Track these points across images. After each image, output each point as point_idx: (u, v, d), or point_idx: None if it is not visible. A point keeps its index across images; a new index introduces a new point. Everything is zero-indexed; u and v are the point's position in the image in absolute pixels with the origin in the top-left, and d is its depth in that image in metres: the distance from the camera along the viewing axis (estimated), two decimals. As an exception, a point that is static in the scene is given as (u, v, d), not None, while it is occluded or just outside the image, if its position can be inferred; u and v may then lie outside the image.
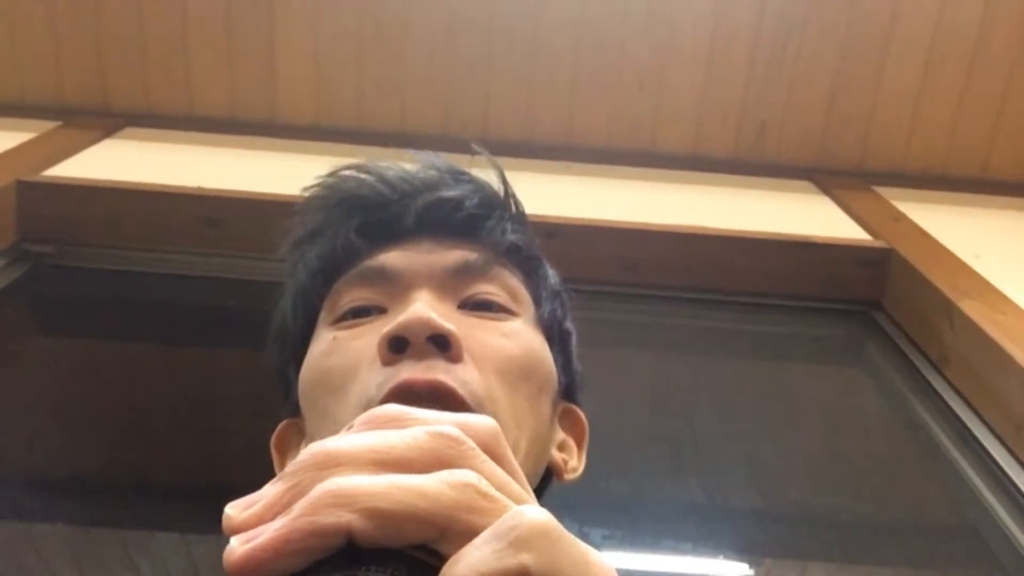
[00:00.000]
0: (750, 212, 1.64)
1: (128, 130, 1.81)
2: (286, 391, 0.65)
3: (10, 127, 1.72)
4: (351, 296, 0.58)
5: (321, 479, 0.27)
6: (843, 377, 1.52)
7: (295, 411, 0.63)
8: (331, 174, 0.64)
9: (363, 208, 0.61)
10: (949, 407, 1.25)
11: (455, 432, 0.29)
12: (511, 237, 0.62)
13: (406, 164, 0.64)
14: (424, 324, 0.51)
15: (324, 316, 0.60)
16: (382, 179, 0.62)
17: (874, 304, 1.51)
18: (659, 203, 1.65)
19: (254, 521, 0.28)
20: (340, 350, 0.56)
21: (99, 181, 1.48)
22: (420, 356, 0.52)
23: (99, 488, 1.07)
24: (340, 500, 0.26)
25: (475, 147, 0.66)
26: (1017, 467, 1.11)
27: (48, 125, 1.76)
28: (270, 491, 0.28)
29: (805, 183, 1.85)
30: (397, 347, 0.52)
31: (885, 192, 1.80)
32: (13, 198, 1.44)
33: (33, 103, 1.85)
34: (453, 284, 0.58)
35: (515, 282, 0.61)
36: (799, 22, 1.83)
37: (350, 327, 0.57)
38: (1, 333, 1.35)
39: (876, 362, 1.45)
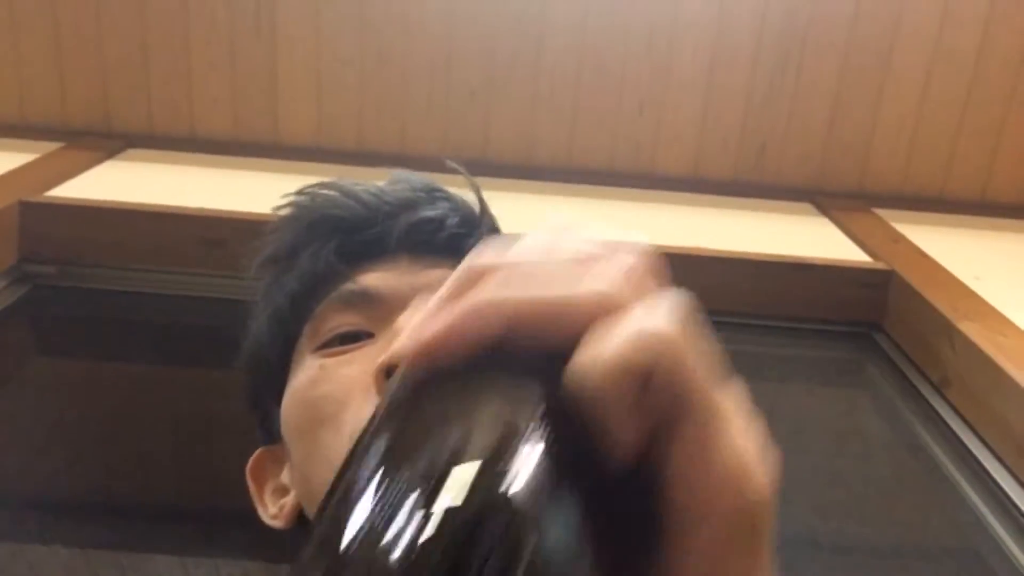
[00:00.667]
0: (750, 234, 1.64)
1: (130, 151, 1.81)
2: (261, 418, 0.63)
3: (13, 148, 1.73)
4: (335, 321, 0.57)
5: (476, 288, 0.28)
6: (843, 399, 1.52)
7: (272, 439, 0.61)
8: (300, 192, 0.62)
9: (343, 228, 0.59)
10: (950, 429, 1.25)
11: (606, 250, 0.29)
12: None
13: (377, 182, 0.62)
14: None
15: (306, 342, 0.58)
16: (358, 198, 0.60)
17: (874, 326, 1.51)
18: (659, 225, 1.65)
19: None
20: (329, 379, 0.54)
21: (101, 202, 1.49)
22: None
23: (97, 509, 1.07)
24: (494, 303, 0.27)
25: (450, 164, 0.65)
26: (1018, 489, 1.11)
27: (51, 146, 1.77)
28: (430, 306, 0.29)
29: (805, 205, 1.86)
30: (391, 375, 0.52)
31: (885, 214, 1.80)
32: (15, 218, 1.45)
33: (36, 124, 1.86)
34: None
35: None
36: (798, 45, 1.84)
37: (337, 354, 0.56)
38: (2, 354, 1.35)
39: (877, 384, 1.45)
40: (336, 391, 0.54)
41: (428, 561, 0.21)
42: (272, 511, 0.60)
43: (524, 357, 0.27)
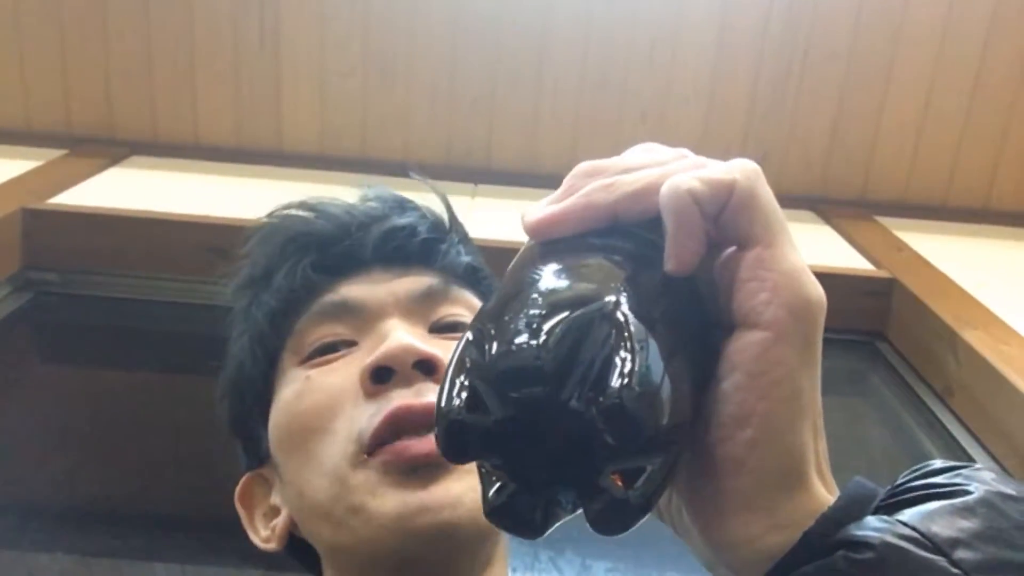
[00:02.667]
0: (753, 242, 1.64)
1: (134, 158, 1.82)
2: (246, 443, 0.63)
3: (16, 155, 1.73)
4: (317, 333, 0.57)
5: (592, 179, 0.36)
6: (847, 408, 1.51)
7: (259, 463, 0.61)
8: (270, 215, 0.63)
9: (317, 244, 0.60)
10: (953, 438, 1.25)
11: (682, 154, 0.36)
12: (465, 259, 0.62)
13: (345, 198, 0.63)
14: (409, 351, 0.52)
15: (289, 357, 0.58)
16: (328, 215, 0.61)
17: (878, 334, 1.51)
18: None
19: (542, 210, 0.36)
20: (316, 389, 0.55)
21: (105, 209, 1.49)
22: (408, 382, 0.52)
23: (99, 517, 1.07)
24: (608, 188, 0.35)
25: (413, 174, 0.67)
26: (1023, 499, 1.10)
27: (55, 153, 1.77)
28: (553, 196, 0.36)
29: (808, 213, 1.86)
30: (381, 377, 0.52)
31: (888, 222, 1.80)
32: (18, 226, 1.45)
33: (40, 131, 1.86)
34: (420, 309, 0.58)
35: (477, 302, 0.61)
36: (800, 54, 1.85)
37: (321, 364, 0.56)
38: (5, 361, 1.35)
39: (880, 393, 1.44)
40: (324, 400, 0.54)
41: (556, 344, 0.29)
42: (264, 534, 0.60)
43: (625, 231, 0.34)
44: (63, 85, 1.86)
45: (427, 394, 0.51)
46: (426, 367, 0.52)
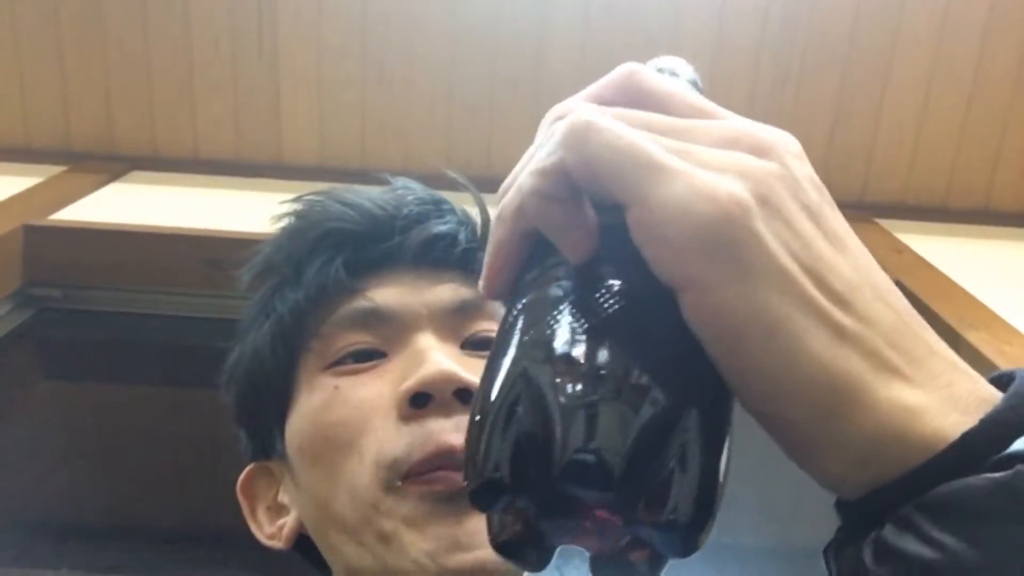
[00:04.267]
0: (753, 246, 1.64)
1: (134, 174, 1.82)
2: (252, 433, 0.61)
3: (17, 171, 1.74)
4: (346, 340, 0.55)
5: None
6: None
7: (266, 455, 0.60)
8: (297, 200, 0.60)
9: (353, 242, 0.57)
10: (958, 439, 1.24)
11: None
12: None
13: (376, 190, 0.60)
14: (450, 379, 0.50)
15: (313, 359, 0.56)
16: (366, 211, 0.57)
17: (880, 336, 1.51)
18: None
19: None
20: (345, 403, 0.53)
21: (105, 225, 1.49)
22: (447, 412, 0.50)
23: (103, 532, 1.06)
24: (498, 219, 0.32)
25: (454, 176, 0.64)
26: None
27: (55, 169, 1.77)
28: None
29: (808, 216, 1.86)
30: (419, 403, 0.50)
31: (887, 224, 1.80)
32: (20, 242, 1.45)
33: (40, 148, 1.87)
34: (453, 323, 0.55)
35: None
36: (798, 57, 1.85)
37: (350, 374, 0.54)
38: (7, 377, 1.35)
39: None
40: (353, 416, 0.52)
41: (629, 455, 0.26)
42: (269, 530, 0.59)
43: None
44: (63, 101, 1.86)
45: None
46: (465, 396, 0.50)
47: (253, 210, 1.66)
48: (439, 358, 0.51)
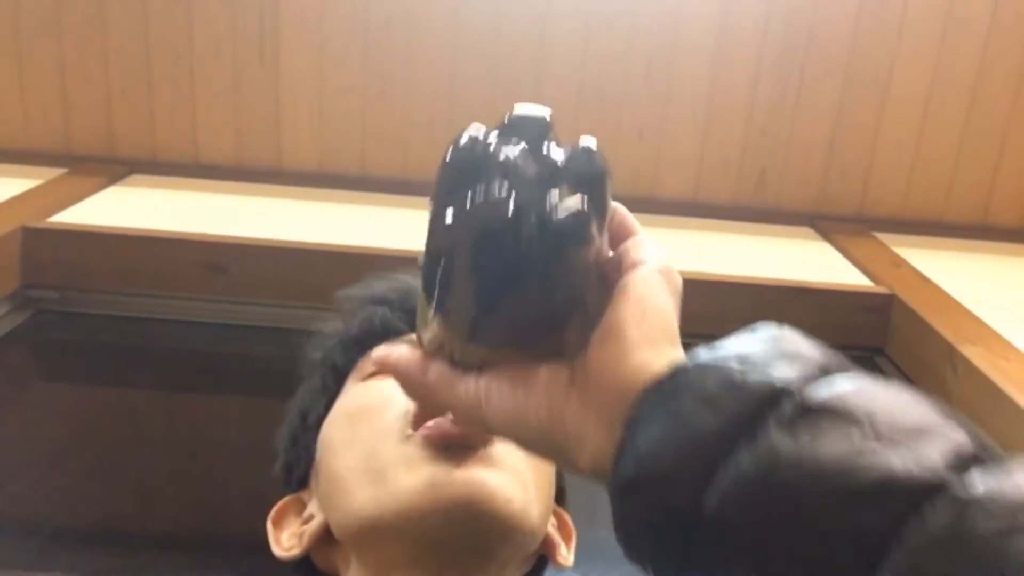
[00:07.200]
0: (751, 258, 1.64)
1: (134, 177, 1.82)
2: (294, 464, 0.68)
3: (16, 174, 1.74)
4: None
5: None
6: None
7: (300, 484, 0.66)
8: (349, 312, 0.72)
9: (398, 301, 0.68)
10: (954, 454, 1.24)
11: None
12: None
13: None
14: None
15: (352, 377, 0.65)
16: (403, 281, 0.70)
17: (877, 350, 1.51)
18: (660, 249, 1.65)
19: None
20: (370, 392, 0.61)
21: (104, 228, 1.49)
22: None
23: (99, 536, 1.06)
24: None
25: None
26: (1023, 514, 1.10)
27: (54, 172, 1.77)
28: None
29: (805, 229, 1.86)
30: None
31: (885, 238, 1.81)
32: (18, 244, 1.45)
33: (40, 150, 1.87)
34: None
35: None
36: (797, 70, 1.86)
37: (379, 375, 0.62)
38: (4, 379, 1.35)
39: (879, 408, 1.44)
40: (378, 398, 0.60)
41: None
42: (289, 544, 0.63)
43: None
44: (63, 104, 1.86)
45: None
46: None
47: (252, 215, 1.67)
48: None
